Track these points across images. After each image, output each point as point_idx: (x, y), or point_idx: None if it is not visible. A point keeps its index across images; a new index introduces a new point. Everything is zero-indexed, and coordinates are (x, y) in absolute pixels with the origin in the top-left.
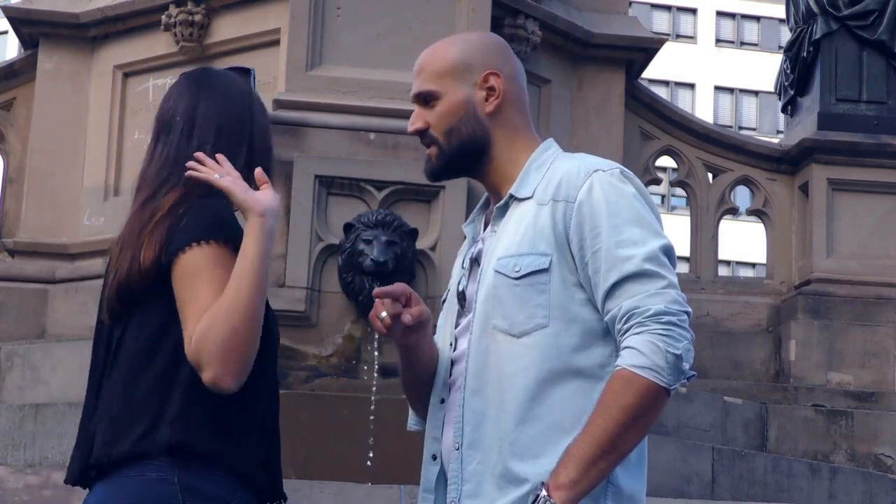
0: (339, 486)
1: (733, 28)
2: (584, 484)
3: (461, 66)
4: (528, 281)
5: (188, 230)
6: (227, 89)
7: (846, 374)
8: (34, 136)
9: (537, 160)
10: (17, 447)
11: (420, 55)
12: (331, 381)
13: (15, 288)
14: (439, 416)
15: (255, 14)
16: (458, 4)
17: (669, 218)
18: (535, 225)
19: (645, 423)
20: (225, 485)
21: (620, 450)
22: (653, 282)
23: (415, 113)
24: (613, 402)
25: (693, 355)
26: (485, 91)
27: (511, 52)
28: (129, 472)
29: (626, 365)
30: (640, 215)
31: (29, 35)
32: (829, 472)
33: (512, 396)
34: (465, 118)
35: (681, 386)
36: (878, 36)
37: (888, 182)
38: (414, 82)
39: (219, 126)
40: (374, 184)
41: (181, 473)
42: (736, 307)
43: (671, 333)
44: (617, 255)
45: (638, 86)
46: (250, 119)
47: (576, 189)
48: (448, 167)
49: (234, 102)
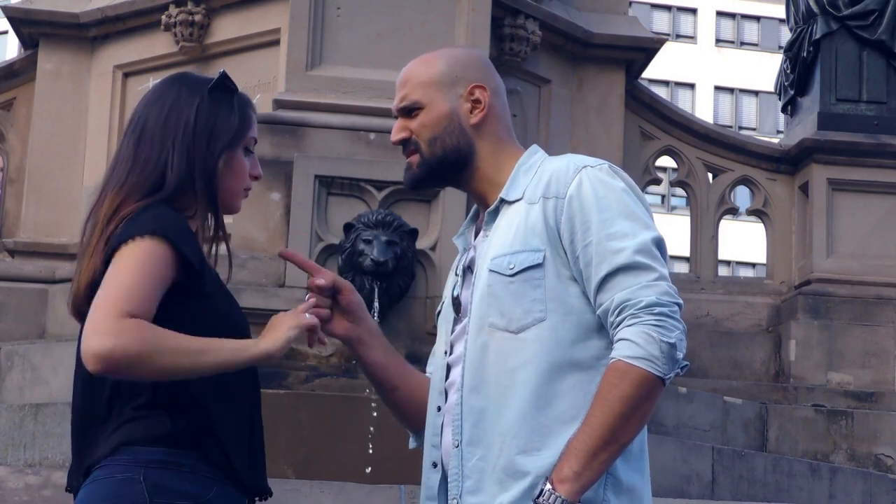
0: (339, 486)
1: (733, 28)
2: (587, 476)
3: (448, 78)
4: (522, 277)
5: (126, 229)
6: (158, 92)
7: (846, 374)
8: (34, 136)
9: (525, 164)
10: (17, 447)
11: (404, 68)
12: (331, 381)
13: (15, 288)
14: (437, 424)
15: (255, 14)
16: (458, 4)
17: (669, 218)
18: (526, 223)
19: (643, 412)
20: (198, 481)
21: (621, 440)
22: (644, 274)
23: (397, 123)
24: (611, 393)
25: (686, 345)
26: (470, 103)
27: (494, 69)
28: (101, 475)
29: (621, 356)
30: (630, 208)
31: (29, 35)
32: (829, 472)
33: (514, 391)
34: (449, 129)
35: (680, 386)
36: (878, 36)
37: (888, 182)
38: (397, 94)
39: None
40: (374, 184)
41: (148, 472)
42: (736, 307)
43: (664, 324)
44: (607, 247)
45: (638, 86)
46: (189, 121)
47: (565, 185)
48: (429, 176)
49: (164, 105)
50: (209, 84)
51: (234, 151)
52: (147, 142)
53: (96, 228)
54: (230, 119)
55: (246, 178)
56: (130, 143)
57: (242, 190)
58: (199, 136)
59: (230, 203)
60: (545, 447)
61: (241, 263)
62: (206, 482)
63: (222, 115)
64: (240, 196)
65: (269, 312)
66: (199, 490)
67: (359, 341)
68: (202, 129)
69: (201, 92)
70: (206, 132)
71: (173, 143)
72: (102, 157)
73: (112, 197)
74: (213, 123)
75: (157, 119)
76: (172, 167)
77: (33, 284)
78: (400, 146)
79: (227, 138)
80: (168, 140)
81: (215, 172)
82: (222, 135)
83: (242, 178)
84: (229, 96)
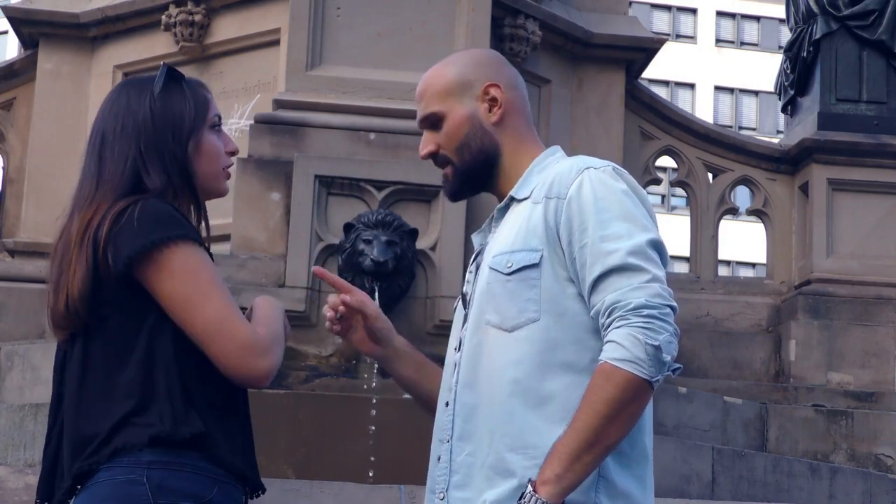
0: (339, 486)
1: (733, 28)
2: (569, 478)
3: (461, 83)
4: (519, 276)
5: (141, 234)
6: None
7: (846, 374)
8: (34, 136)
9: (540, 164)
10: (17, 447)
11: (419, 82)
12: (331, 381)
13: (15, 288)
14: (444, 419)
15: (255, 14)
16: (458, 4)
17: (669, 218)
18: (528, 222)
19: (627, 415)
20: (199, 480)
21: (604, 443)
22: (636, 275)
23: (424, 137)
24: (595, 395)
25: (675, 348)
26: (487, 103)
27: (506, 62)
28: (101, 478)
29: (607, 358)
30: (628, 210)
31: (29, 35)
32: (829, 472)
33: (501, 389)
34: (472, 133)
35: (680, 386)
36: (878, 36)
37: (888, 182)
38: (418, 108)
39: (102, 142)
40: (374, 184)
41: (151, 473)
42: (736, 307)
43: (651, 326)
44: (601, 249)
45: (638, 86)
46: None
47: (566, 186)
48: (466, 183)
49: (117, 114)
50: (155, 81)
51: (200, 135)
52: (108, 153)
53: (72, 245)
54: (185, 106)
55: (221, 157)
56: (93, 159)
57: (221, 170)
58: (160, 132)
59: (212, 186)
60: (533, 447)
61: (241, 263)
62: (208, 481)
63: (177, 105)
64: (220, 177)
65: None
66: (202, 489)
67: (387, 360)
68: (161, 125)
69: (149, 90)
70: (167, 126)
71: (139, 149)
72: None
73: (82, 215)
74: (170, 116)
75: (114, 129)
76: (148, 171)
77: (33, 284)
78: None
79: (190, 125)
80: (130, 147)
81: (186, 161)
82: (183, 124)
83: (218, 159)
84: (178, 85)
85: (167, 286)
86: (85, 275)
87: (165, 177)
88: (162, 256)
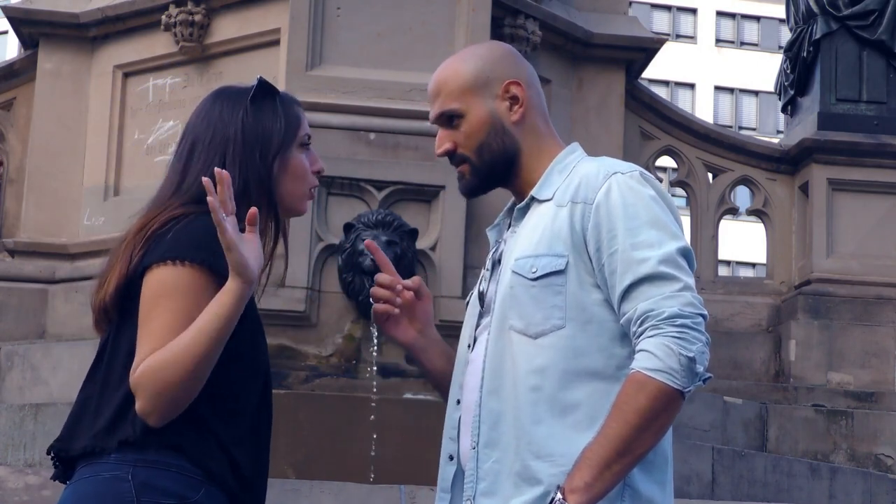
0: (339, 486)
1: (733, 28)
2: (598, 487)
3: (480, 81)
4: (544, 282)
5: (168, 244)
6: (202, 110)
7: (846, 374)
8: (34, 136)
9: (560, 163)
10: (17, 447)
11: (433, 76)
12: (331, 381)
13: (15, 288)
14: (455, 417)
15: (255, 14)
16: (458, 4)
17: None
18: (552, 226)
19: (659, 425)
20: (185, 481)
21: (635, 452)
22: (668, 284)
23: (440, 134)
24: (627, 404)
25: (708, 358)
26: (507, 101)
27: (521, 57)
28: (86, 473)
29: (640, 368)
30: (658, 217)
31: (29, 35)
32: (829, 472)
33: (530, 397)
34: (493, 133)
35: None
36: (878, 36)
37: (888, 182)
38: (433, 104)
39: (192, 147)
40: (374, 184)
41: (136, 470)
42: (736, 307)
43: (685, 336)
44: (632, 257)
45: (638, 86)
46: (236, 137)
47: (594, 191)
48: (483, 182)
49: (209, 123)
50: (249, 93)
51: (288, 154)
52: (194, 162)
53: (124, 243)
54: (276, 124)
55: (307, 177)
56: (179, 165)
57: (307, 191)
58: (248, 148)
59: (294, 206)
60: (560, 454)
61: None
62: (195, 483)
63: (267, 122)
64: (303, 198)
65: (269, 312)
66: (187, 490)
67: (422, 350)
68: (251, 141)
69: (243, 103)
70: (255, 143)
71: (224, 161)
72: (102, 157)
73: (146, 215)
74: (260, 132)
75: (203, 137)
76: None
77: (33, 284)
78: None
79: (278, 144)
80: (215, 157)
81: (270, 180)
82: (271, 141)
83: (303, 179)
84: (271, 100)
85: (142, 296)
86: (122, 272)
87: (240, 191)
88: (159, 270)
